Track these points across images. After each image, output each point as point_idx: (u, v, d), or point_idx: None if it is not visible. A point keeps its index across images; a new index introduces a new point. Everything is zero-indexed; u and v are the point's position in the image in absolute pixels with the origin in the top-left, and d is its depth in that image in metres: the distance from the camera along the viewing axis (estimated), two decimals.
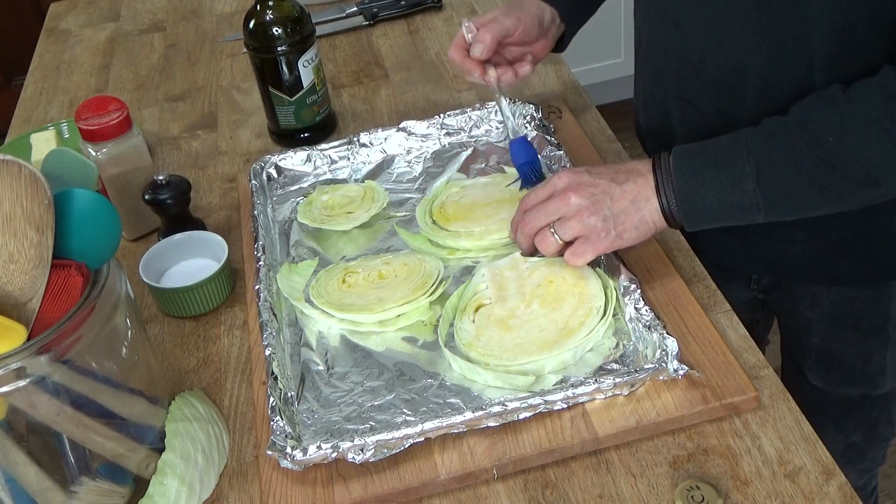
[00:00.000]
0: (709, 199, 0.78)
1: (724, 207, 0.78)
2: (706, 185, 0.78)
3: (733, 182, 0.77)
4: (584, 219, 0.81)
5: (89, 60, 1.50)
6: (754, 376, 0.79)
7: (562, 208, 0.82)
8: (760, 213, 0.77)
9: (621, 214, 0.81)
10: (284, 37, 1.10)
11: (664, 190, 0.80)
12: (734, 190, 0.77)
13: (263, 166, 1.09)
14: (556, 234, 0.82)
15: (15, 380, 0.62)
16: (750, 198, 0.77)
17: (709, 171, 0.78)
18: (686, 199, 0.79)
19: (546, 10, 1.00)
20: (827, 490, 0.70)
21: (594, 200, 0.81)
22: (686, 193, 0.78)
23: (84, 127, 0.99)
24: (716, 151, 0.79)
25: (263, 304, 0.88)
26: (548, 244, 0.83)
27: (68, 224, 0.67)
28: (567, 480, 0.74)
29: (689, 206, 0.79)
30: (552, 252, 0.84)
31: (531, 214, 0.84)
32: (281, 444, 0.74)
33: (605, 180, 0.82)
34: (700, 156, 0.79)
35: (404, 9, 1.49)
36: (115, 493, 0.72)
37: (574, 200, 0.81)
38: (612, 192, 0.81)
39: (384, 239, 0.98)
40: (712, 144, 0.79)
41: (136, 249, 1.05)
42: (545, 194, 0.84)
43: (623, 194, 0.81)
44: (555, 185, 0.84)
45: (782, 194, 0.76)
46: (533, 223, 0.84)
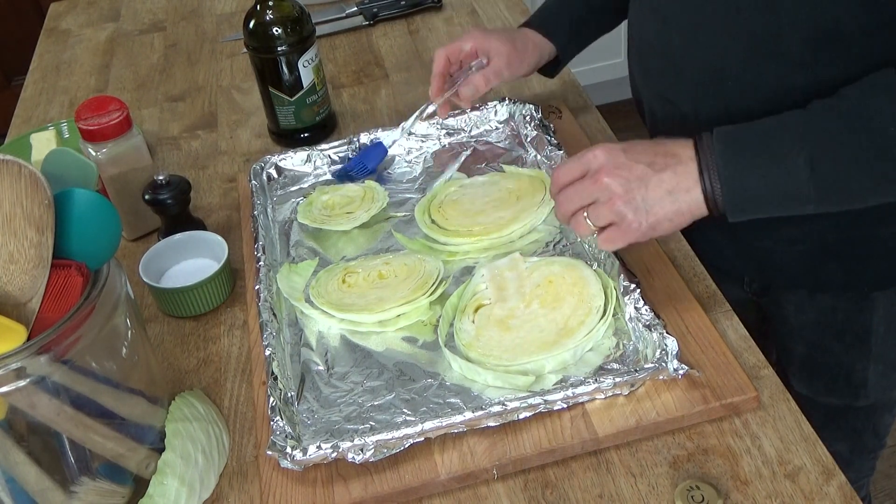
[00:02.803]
0: (758, 187, 0.74)
1: (772, 196, 0.74)
2: (756, 174, 0.74)
3: (787, 171, 0.73)
4: (616, 206, 0.76)
5: (89, 60, 1.50)
6: (754, 376, 0.79)
7: (594, 192, 0.77)
8: (811, 204, 0.74)
9: (655, 205, 0.76)
10: (284, 37, 1.10)
11: (709, 177, 0.75)
12: (787, 179, 0.73)
13: (263, 166, 1.09)
14: (589, 219, 0.78)
15: (15, 380, 0.62)
16: (803, 188, 0.73)
17: (759, 158, 0.74)
18: (733, 188, 0.74)
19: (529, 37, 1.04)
20: (827, 490, 0.70)
21: (627, 188, 0.76)
22: (733, 182, 0.74)
23: (84, 127, 0.99)
24: (765, 137, 0.75)
25: (263, 304, 0.88)
26: (582, 229, 0.79)
27: (68, 224, 0.67)
28: (567, 480, 0.74)
29: (736, 196, 0.74)
30: (587, 235, 0.82)
31: (565, 196, 0.80)
32: (281, 444, 0.74)
33: (642, 164, 0.76)
34: (749, 141, 0.75)
35: (404, 9, 1.49)
36: (115, 493, 0.72)
37: (607, 184, 0.76)
38: (648, 180, 0.76)
39: (384, 239, 0.98)
40: (759, 128, 0.75)
41: (136, 249, 1.05)
42: (578, 170, 0.79)
43: (660, 183, 0.76)
44: (588, 163, 0.78)
45: (837, 185, 0.73)
46: (567, 205, 0.80)
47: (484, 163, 1.07)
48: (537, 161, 1.05)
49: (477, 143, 1.11)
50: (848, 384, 1.01)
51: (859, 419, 1.07)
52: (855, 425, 1.07)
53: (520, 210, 0.97)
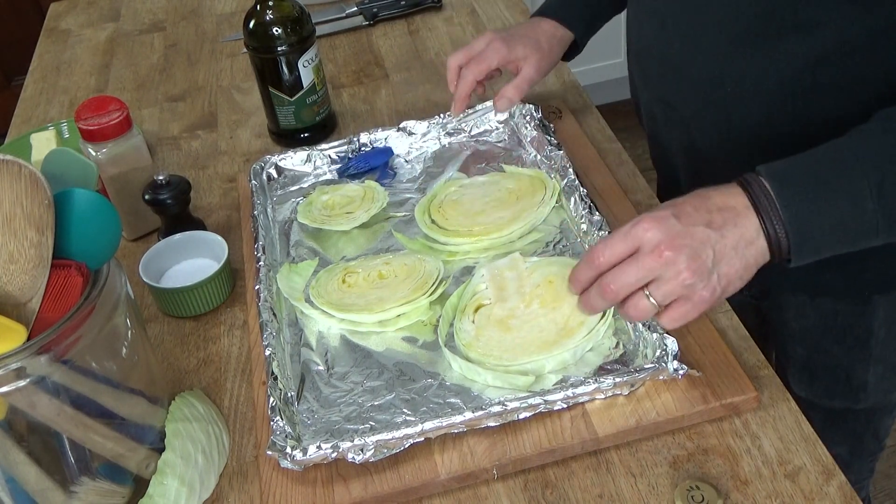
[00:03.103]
0: (823, 226, 0.68)
1: (838, 233, 0.69)
2: (820, 212, 0.68)
3: (851, 202, 0.67)
4: (685, 280, 0.68)
5: (89, 60, 1.50)
6: (754, 376, 0.79)
7: (657, 268, 0.68)
8: (878, 235, 0.69)
9: (725, 266, 0.69)
10: (284, 37, 1.10)
11: (771, 223, 0.69)
12: (853, 212, 0.67)
13: (263, 166, 1.09)
14: (652, 297, 0.69)
15: (15, 380, 0.62)
16: (870, 219, 0.68)
17: (821, 194, 0.68)
18: (798, 231, 0.68)
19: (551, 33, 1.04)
20: (827, 490, 0.70)
21: (694, 256, 0.68)
22: (798, 225, 0.68)
23: (84, 127, 0.99)
24: (821, 169, 0.69)
25: (263, 304, 0.88)
26: (644, 309, 0.70)
27: (68, 224, 0.67)
28: (567, 480, 0.74)
29: (802, 238, 0.68)
30: (646, 318, 0.71)
31: (616, 275, 0.70)
32: (281, 444, 0.74)
33: (700, 227, 0.69)
34: (804, 177, 0.69)
35: (404, 9, 1.49)
36: (115, 493, 0.72)
37: (672, 258, 0.67)
38: (714, 242, 0.69)
39: (384, 239, 0.98)
40: (812, 161, 0.70)
41: (136, 249, 1.05)
42: (626, 248, 0.70)
43: (724, 243, 0.69)
44: (640, 239, 0.69)
45: None
46: (620, 283, 0.69)
47: (484, 163, 1.07)
48: (537, 161, 1.05)
49: (477, 143, 1.11)
50: (848, 387, 1.01)
51: (859, 422, 1.06)
52: (855, 428, 1.07)
53: (520, 210, 0.97)
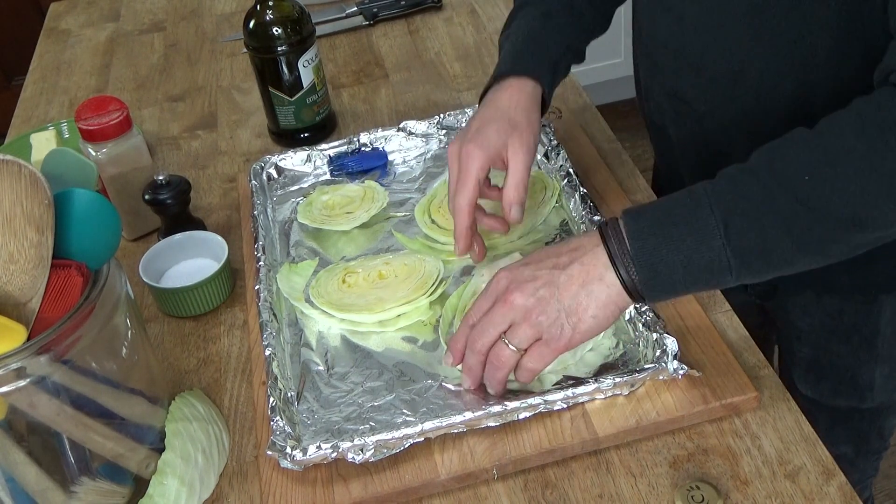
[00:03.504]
0: (672, 261, 0.67)
1: (689, 270, 0.67)
2: (667, 246, 0.67)
3: (698, 239, 0.67)
4: (534, 319, 0.71)
5: (89, 60, 1.50)
6: (754, 376, 0.79)
7: (508, 314, 0.72)
8: (731, 274, 0.67)
9: (573, 303, 0.71)
10: (284, 37, 1.10)
11: (621, 260, 0.69)
12: (700, 248, 0.67)
13: (263, 166, 1.09)
14: (510, 344, 0.72)
15: (15, 380, 0.62)
16: (719, 255, 0.67)
17: (668, 228, 0.68)
18: (646, 265, 0.68)
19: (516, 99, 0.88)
20: (827, 490, 0.70)
21: (539, 297, 0.71)
22: (645, 258, 0.68)
23: (84, 127, 0.99)
24: (672, 207, 0.69)
25: (263, 304, 0.88)
26: (505, 358, 0.73)
27: (68, 224, 0.67)
28: (567, 480, 0.74)
29: (650, 273, 0.68)
30: (512, 366, 0.74)
31: (477, 329, 0.74)
32: (281, 444, 0.74)
33: (545, 269, 0.72)
34: (655, 213, 0.69)
35: (404, 9, 1.49)
36: (115, 493, 0.72)
37: (518, 301, 0.71)
38: (557, 281, 0.71)
39: (384, 239, 0.98)
40: (668, 200, 0.70)
41: (136, 249, 1.05)
42: (488, 302, 0.74)
43: (569, 281, 0.71)
44: (496, 290, 0.74)
45: (755, 248, 0.67)
46: (481, 339, 0.73)
47: None
48: (537, 161, 1.05)
49: None
50: (854, 386, 1.01)
51: (864, 421, 1.06)
52: (860, 427, 1.07)
53: None
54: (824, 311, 0.96)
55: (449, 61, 1.35)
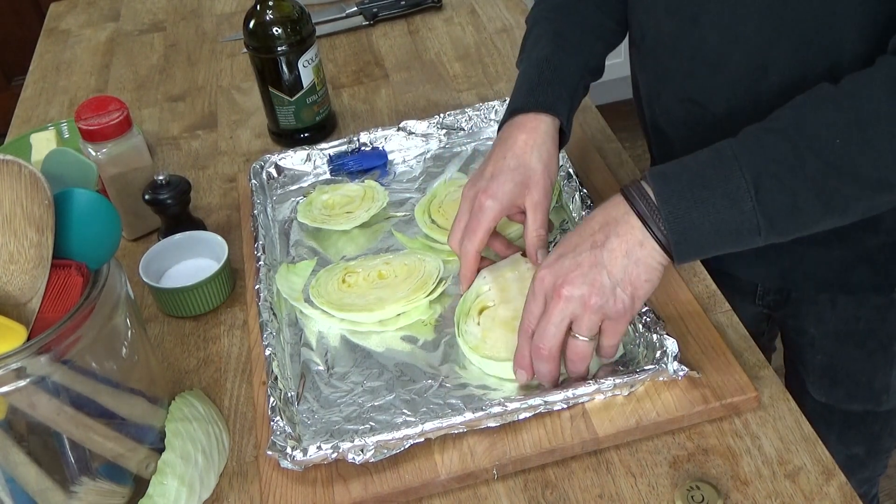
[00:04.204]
0: (701, 224, 0.68)
1: (719, 233, 0.68)
2: (697, 209, 0.68)
3: (729, 201, 0.67)
4: (593, 304, 0.71)
5: (89, 60, 1.50)
6: (754, 376, 0.79)
7: (566, 309, 0.71)
8: (760, 235, 0.68)
9: (623, 275, 0.71)
10: (284, 37, 1.10)
11: (655, 223, 0.70)
12: (731, 210, 0.67)
13: (263, 166, 1.09)
14: (580, 335, 0.73)
15: (15, 380, 0.62)
16: (749, 218, 0.67)
17: (698, 191, 0.68)
18: (676, 228, 0.68)
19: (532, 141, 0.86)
20: (827, 490, 0.70)
21: (590, 281, 0.71)
22: (676, 221, 0.68)
23: (84, 127, 0.99)
24: (700, 168, 0.69)
25: (263, 304, 0.88)
26: (582, 350, 0.73)
27: (68, 224, 0.67)
28: (567, 480, 0.74)
29: (680, 236, 0.69)
30: (592, 354, 0.75)
31: (539, 336, 0.73)
32: (281, 445, 0.74)
33: (585, 252, 0.71)
34: (684, 176, 0.69)
35: (404, 9, 1.49)
36: (115, 493, 0.72)
37: (572, 293, 0.71)
38: (601, 260, 0.71)
39: (384, 239, 0.98)
40: (693, 161, 0.70)
41: (136, 249, 1.05)
42: (539, 305, 0.73)
43: (612, 255, 0.71)
44: (543, 289, 0.73)
45: (784, 210, 0.67)
46: (547, 343, 0.73)
47: None
48: None
49: (477, 143, 1.11)
50: (869, 390, 1.00)
51: (878, 423, 1.06)
52: (873, 429, 1.06)
53: None
54: (839, 318, 0.95)
55: (449, 61, 1.35)
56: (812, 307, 0.97)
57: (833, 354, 0.99)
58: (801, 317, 1.00)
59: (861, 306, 0.93)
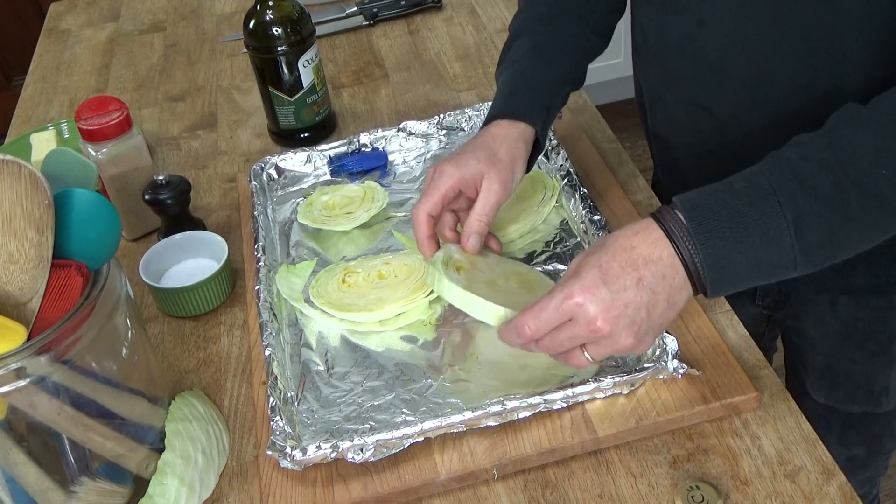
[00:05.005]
0: (739, 262, 0.66)
1: (755, 269, 0.67)
2: (737, 248, 0.66)
3: (768, 240, 0.65)
4: (621, 342, 0.68)
5: (89, 60, 1.50)
6: (754, 376, 0.79)
7: (593, 336, 0.68)
8: (796, 268, 0.66)
9: (660, 321, 0.69)
10: (284, 37, 1.10)
11: (692, 264, 0.67)
12: (769, 248, 0.65)
13: (264, 167, 1.09)
14: (588, 354, 0.70)
15: (15, 380, 0.62)
16: (787, 254, 0.65)
17: (737, 231, 0.65)
18: (713, 268, 0.66)
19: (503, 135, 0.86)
20: (827, 490, 0.70)
21: (630, 322, 0.67)
22: (713, 262, 0.66)
23: (84, 127, 0.99)
24: (737, 204, 0.66)
25: (263, 304, 0.88)
26: (578, 363, 0.72)
27: (68, 224, 0.67)
28: (567, 480, 0.74)
29: (718, 274, 0.67)
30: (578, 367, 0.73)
31: (550, 341, 0.70)
32: (281, 444, 0.74)
33: (630, 290, 0.67)
34: (719, 212, 0.66)
35: (404, 9, 1.49)
36: (115, 493, 0.72)
37: (608, 331, 0.67)
38: (646, 302, 0.68)
39: (384, 239, 0.98)
40: (727, 193, 0.67)
41: (136, 249, 1.05)
42: (558, 321, 0.69)
43: (656, 300, 0.68)
44: (572, 313, 0.68)
45: (822, 244, 0.65)
46: (554, 349, 0.71)
47: None
48: (537, 161, 1.05)
49: None
50: (869, 392, 1.00)
51: (878, 424, 1.05)
52: (873, 430, 1.06)
53: (520, 210, 0.97)
54: (839, 319, 0.95)
55: (449, 61, 1.35)
56: (812, 308, 0.97)
57: (833, 356, 0.99)
58: (801, 318, 1.00)
59: (861, 308, 0.93)
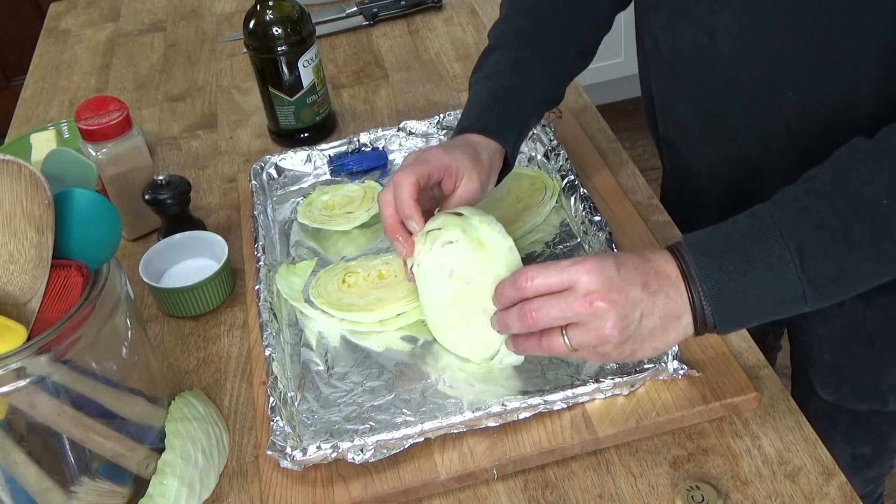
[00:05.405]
0: (745, 297, 0.66)
1: (763, 304, 0.66)
2: (741, 282, 0.65)
3: (773, 273, 0.65)
4: (605, 332, 0.67)
5: (89, 60, 1.50)
6: (754, 376, 0.79)
7: (583, 314, 0.67)
8: (806, 303, 0.66)
9: (646, 334, 0.68)
10: (284, 37, 1.10)
11: (697, 297, 0.67)
12: (775, 281, 0.65)
13: (263, 166, 1.09)
14: (568, 338, 0.68)
15: (15, 380, 0.62)
16: (794, 287, 0.65)
17: (739, 263, 0.66)
18: (719, 302, 0.66)
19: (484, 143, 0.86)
20: (827, 490, 0.70)
21: (623, 314, 0.66)
22: (718, 296, 0.66)
23: (84, 127, 0.99)
24: (740, 238, 0.66)
25: (263, 304, 0.88)
26: (556, 348, 0.69)
27: (68, 224, 0.67)
28: (567, 480, 0.74)
29: (724, 309, 0.66)
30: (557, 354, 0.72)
31: (541, 305, 0.68)
32: (281, 444, 0.74)
33: (636, 287, 0.67)
34: (722, 247, 0.67)
35: (404, 9, 1.49)
36: (115, 493, 0.72)
37: (601, 310, 0.66)
38: (643, 306, 0.67)
39: (384, 239, 0.98)
40: (732, 231, 0.67)
41: (136, 249, 1.05)
42: (559, 283, 0.68)
43: (653, 311, 0.67)
44: (575, 280, 0.67)
45: (832, 276, 0.65)
46: (543, 319, 0.68)
47: None
48: (537, 161, 1.05)
49: None
50: (877, 390, 1.00)
51: (885, 423, 1.05)
52: (880, 429, 1.06)
53: (520, 210, 0.97)
54: (847, 318, 0.95)
55: (449, 61, 1.35)
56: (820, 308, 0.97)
57: (840, 354, 0.99)
58: (809, 315, 0.99)
59: (869, 306, 0.93)
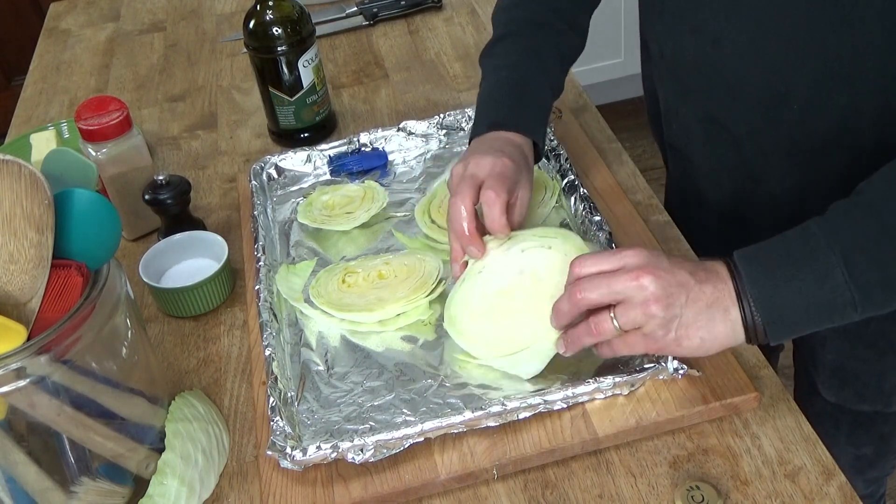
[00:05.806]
0: (793, 302, 0.67)
1: (812, 309, 0.67)
2: (787, 287, 0.67)
3: (819, 277, 0.66)
4: (650, 309, 0.68)
5: (89, 60, 1.50)
6: (754, 376, 0.79)
7: (630, 289, 0.68)
8: (856, 309, 0.67)
9: (691, 317, 0.69)
10: (284, 37, 1.10)
11: (745, 299, 0.68)
12: (822, 286, 0.66)
13: (263, 166, 1.09)
14: (616, 319, 0.70)
15: (15, 380, 0.62)
16: (842, 292, 0.66)
17: (785, 269, 0.67)
18: (767, 307, 0.67)
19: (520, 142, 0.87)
20: (827, 490, 0.70)
21: (668, 292, 0.68)
22: (766, 300, 0.67)
23: (84, 127, 0.99)
24: (786, 247, 0.68)
25: (263, 304, 0.88)
26: (604, 330, 0.71)
27: (68, 224, 0.67)
28: (567, 480, 0.74)
29: (772, 315, 0.67)
30: (604, 338, 0.72)
31: (588, 282, 0.70)
32: (281, 445, 0.74)
33: (684, 272, 0.69)
34: (770, 255, 0.69)
35: (404, 9, 1.49)
36: (115, 493, 0.72)
37: (647, 284, 0.68)
38: (690, 288, 0.69)
39: (384, 239, 0.98)
40: (779, 241, 0.69)
41: (136, 249, 1.05)
42: (610, 264, 0.70)
43: (701, 294, 0.69)
44: (625, 259, 0.70)
45: (879, 280, 0.66)
46: (591, 295, 0.70)
47: None
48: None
49: None
50: (879, 391, 1.00)
51: (888, 424, 1.05)
52: (883, 430, 1.06)
53: None
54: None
55: (449, 61, 1.35)
56: None
57: (843, 354, 0.99)
58: None
59: None
